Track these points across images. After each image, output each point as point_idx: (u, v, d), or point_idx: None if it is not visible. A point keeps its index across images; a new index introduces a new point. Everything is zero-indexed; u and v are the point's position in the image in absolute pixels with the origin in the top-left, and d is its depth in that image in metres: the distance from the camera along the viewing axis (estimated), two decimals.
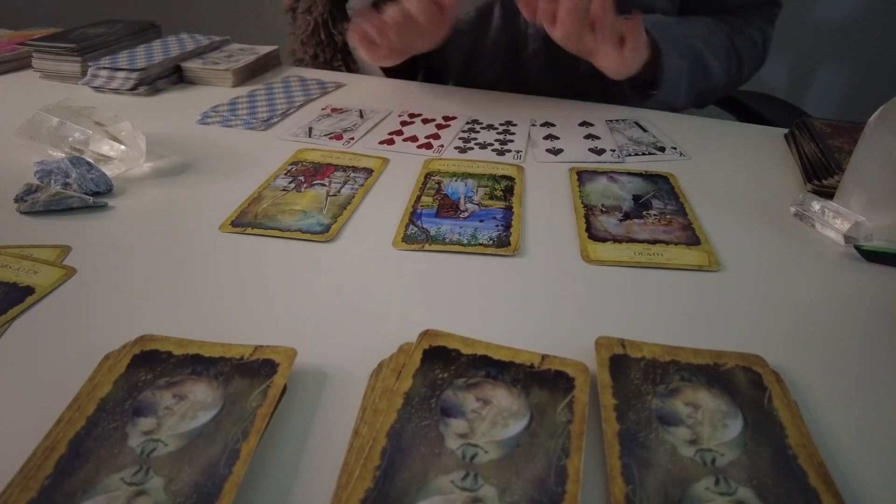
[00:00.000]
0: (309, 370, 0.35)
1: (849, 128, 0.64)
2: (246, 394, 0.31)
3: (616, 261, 0.46)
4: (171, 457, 0.28)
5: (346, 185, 0.56)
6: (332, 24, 1.01)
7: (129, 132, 0.58)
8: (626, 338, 0.36)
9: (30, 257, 0.44)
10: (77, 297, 0.41)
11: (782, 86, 1.83)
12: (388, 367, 0.34)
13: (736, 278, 0.44)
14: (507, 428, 0.30)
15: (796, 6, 1.69)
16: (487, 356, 0.34)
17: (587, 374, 0.33)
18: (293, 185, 0.56)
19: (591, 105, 0.78)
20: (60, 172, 0.53)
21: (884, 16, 1.67)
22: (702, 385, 0.33)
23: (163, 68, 0.82)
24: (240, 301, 0.41)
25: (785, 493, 0.27)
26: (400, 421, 0.30)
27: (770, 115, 0.94)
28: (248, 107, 0.75)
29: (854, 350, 0.38)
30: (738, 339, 0.38)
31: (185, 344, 0.35)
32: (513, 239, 0.48)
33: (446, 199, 0.54)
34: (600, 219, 0.51)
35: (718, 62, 0.79)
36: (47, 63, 0.84)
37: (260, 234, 0.48)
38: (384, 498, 0.27)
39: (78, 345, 0.37)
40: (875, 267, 0.46)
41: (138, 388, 0.32)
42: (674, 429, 0.30)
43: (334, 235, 0.48)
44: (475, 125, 0.71)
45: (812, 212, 0.50)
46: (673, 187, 0.57)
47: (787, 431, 0.30)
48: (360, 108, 0.75)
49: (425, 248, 0.47)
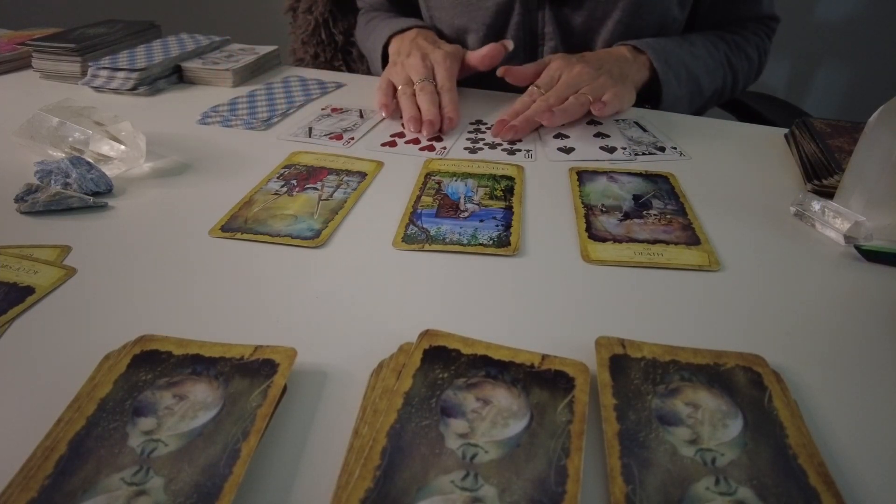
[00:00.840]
0: (309, 370, 0.35)
1: (849, 128, 0.64)
2: (246, 394, 0.31)
3: (616, 261, 0.46)
4: (171, 457, 0.28)
5: (339, 188, 0.56)
6: (333, 24, 1.01)
7: (129, 132, 0.58)
8: (626, 338, 0.36)
9: (30, 257, 0.44)
10: (77, 297, 0.41)
11: (782, 86, 1.83)
12: (388, 367, 0.34)
13: (736, 278, 0.44)
14: (508, 428, 0.30)
15: (796, 6, 1.69)
16: (487, 356, 0.34)
17: (587, 373, 0.33)
18: (285, 188, 0.55)
19: None
20: (60, 172, 0.53)
21: (884, 16, 1.67)
22: (702, 385, 0.33)
23: (163, 68, 0.82)
24: (240, 301, 0.41)
25: (785, 492, 0.27)
26: (400, 421, 0.30)
27: (770, 115, 0.94)
28: (248, 107, 0.75)
29: (854, 350, 0.38)
30: (738, 339, 0.38)
31: (186, 344, 0.35)
32: (513, 239, 0.48)
33: (446, 198, 0.54)
34: (600, 219, 0.51)
35: (714, 83, 0.83)
36: (47, 63, 0.84)
37: (249, 238, 0.48)
38: (384, 498, 0.27)
39: (78, 345, 0.37)
40: (875, 267, 0.46)
41: (138, 388, 0.32)
42: (674, 429, 0.30)
43: (324, 241, 0.47)
44: (479, 125, 0.71)
45: (812, 212, 0.50)
46: (673, 187, 0.57)
47: (788, 431, 0.30)
48: (361, 108, 0.75)
49: (425, 248, 0.47)
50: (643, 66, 0.75)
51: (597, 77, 0.69)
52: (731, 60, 0.84)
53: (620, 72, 0.72)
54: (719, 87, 0.84)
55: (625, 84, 0.71)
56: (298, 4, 1.03)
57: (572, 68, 0.70)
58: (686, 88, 0.78)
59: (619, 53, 0.75)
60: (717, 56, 0.82)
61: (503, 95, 0.80)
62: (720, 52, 0.83)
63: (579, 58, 0.74)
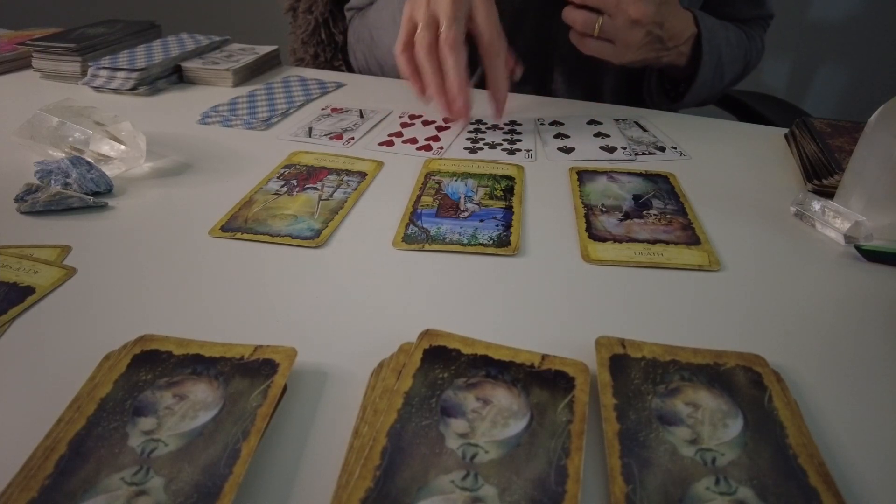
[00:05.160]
0: (309, 370, 0.35)
1: (849, 128, 0.64)
2: (246, 393, 0.31)
3: (616, 260, 0.46)
4: (171, 456, 0.28)
5: (339, 188, 0.56)
6: (333, 24, 1.01)
7: (129, 132, 0.58)
8: (626, 337, 0.36)
9: (30, 257, 0.44)
10: (77, 297, 0.41)
11: (782, 86, 1.83)
12: (388, 366, 0.34)
13: (736, 278, 0.44)
14: (508, 428, 0.30)
15: (796, 6, 1.70)
16: (487, 356, 0.34)
17: (587, 373, 0.33)
18: (285, 188, 0.55)
19: (591, 104, 0.78)
20: (60, 172, 0.53)
21: (883, 16, 1.67)
22: (702, 385, 0.33)
23: (163, 68, 0.82)
24: (240, 301, 0.41)
25: (785, 492, 0.27)
26: (400, 421, 0.30)
27: (770, 115, 0.94)
28: (248, 107, 0.75)
29: (854, 350, 0.38)
30: (738, 339, 0.38)
31: (186, 344, 0.35)
32: (513, 239, 0.48)
33: (446, 198, 0.54)
34: (600, 218, 0.51)
35: (732, 74, 0.82)
36: (47, 63, 0.84)
37: (249, 238, 0.48)
38: (384, 498, 0.27)
39: (78, 345, 0.37)
40: (875, 267, 0.46)
41: (138, 388, 0.32)
42: (674, 428, 0.30)
43: (324, 241, 0.47)
44: (480, 125, 0.71)
45: (812, 211, 0.50)
46: (673, 187, 0.57)
47: (788, 431, 0.30)
48: (361, 108, 0.75)
49: (425, 248, 0.47)
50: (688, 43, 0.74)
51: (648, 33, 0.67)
52: (747, 54, 0.84)
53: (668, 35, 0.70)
54: (731, 78, 0.84)
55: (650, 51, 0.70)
56: (298, 4, 1.02)
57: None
58: (711, 73, 0.77)
59: (687, 23, 0.73)
60: (741, 46, 0.82)
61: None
62: (743, 42, 0.82)
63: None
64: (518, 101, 0.78)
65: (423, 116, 0.73)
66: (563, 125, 0.71)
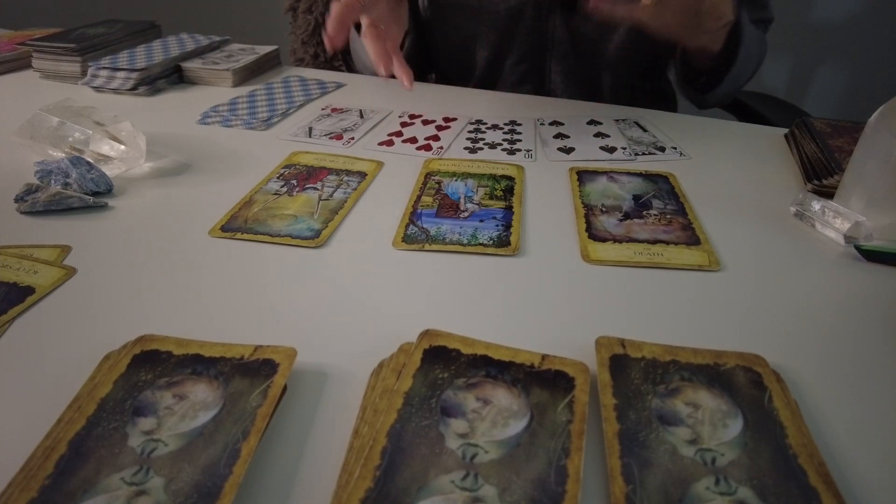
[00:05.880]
0: (309, 370, 0.35)
1: (849, 128, 0.64)
2: (246, 393, 0.31)
3: (616, 261, 0.46)
4: (171, 456, 0.28)
5: (339, 188, 0.56)
6: None
7: (129, 132, 0.58)
8: (626, 337, 0.36)
9: (30, 257, 0.44)
10: (77, 297, 0.41)
11: (782, 86, 1.83)
12: (388, 366, 0.34)
13: (736, 278, 0.44)
14: (508, 428, 0.30)
15: (796, 6, 1.69)
16: (487, 356, 0.34)
17: (587, 373, 0.33)
18: (285, 188, 0.55)
19: (591, 104, 0.78)
20: (60, 172, 0.53)
21: (883, 16, 1.67)
22: (702, 385, 0.33)
23: (163, 68, 0.82)
24: (240, 301, 0.41)
25: (785, 492, 0.27)
26: (400, 421, 0.30)
27: (770, 115, 0.94)
28: (248, 107, 0.75)
29: (854, 350, 0.38)
30: (738, 339, 0.38)
31: (186, 344, 0.35)
32: (513, 239, 0.48)
33: (446, 198, 0.54)
34: (600, 219, 0.51)
35: (750, 71, 0.80)
36: (47, 63, 0.84)
37: (249, 238, 0.48)
38: (384, 498, 0.27)
39: (78, 345, 0.37)
40: (875, 267, 0.46)
41: (138, 388, 0.32)
42: (674, 428, 0.30)
43: (324, 241, 0.47)
44: (479, 125, 0.71)
45: (812, 211, 0.50)
46: (673, 187, 0.57)
47: (788, 431, 0.30)
48: (360, 108, 0.75)
49: (425, 248, 0.47)
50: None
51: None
52: (761, 53, 0.82)
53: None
54: (746, 77, 0.82)
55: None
56: (298, 4, 1.03)
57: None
58: (746, 65, 0.75)
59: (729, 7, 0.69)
60: (759, 44, 0.80)
61: (503, 95, 0.80)
62: (761, 40, 0.81)
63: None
64: (518, 101, 0.78)
65: (423, 116, 0.73)
66: (562, 125, 0.71)
